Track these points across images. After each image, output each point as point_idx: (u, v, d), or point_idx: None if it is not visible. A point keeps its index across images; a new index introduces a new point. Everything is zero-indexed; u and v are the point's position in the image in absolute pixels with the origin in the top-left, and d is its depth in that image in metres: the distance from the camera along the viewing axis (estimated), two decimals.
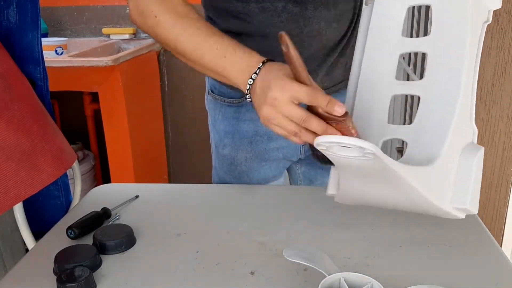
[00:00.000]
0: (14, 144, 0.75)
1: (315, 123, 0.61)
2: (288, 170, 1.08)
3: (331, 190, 0.71)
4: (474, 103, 0.63)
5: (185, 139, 2.50)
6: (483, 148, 0.62)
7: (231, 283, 0.65)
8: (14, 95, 0.80)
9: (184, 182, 2.00)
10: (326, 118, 0.60)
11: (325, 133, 0.60)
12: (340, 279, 0.57)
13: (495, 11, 0.83)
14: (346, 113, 0.60)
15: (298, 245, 0.72)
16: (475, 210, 0.61)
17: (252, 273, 0.66)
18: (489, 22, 0.62)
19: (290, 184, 1.12)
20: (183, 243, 0.75)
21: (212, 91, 0.98)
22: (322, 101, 0.60)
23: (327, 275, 0.57)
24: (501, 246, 0.92)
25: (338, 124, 0.60)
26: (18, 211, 0.89)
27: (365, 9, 0.71)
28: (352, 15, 0.88)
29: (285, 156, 0.99)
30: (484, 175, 1.17)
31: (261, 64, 0.68)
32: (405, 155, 0.65)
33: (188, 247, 0.73)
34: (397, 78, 0.69)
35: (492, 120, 1.12)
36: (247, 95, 0.69)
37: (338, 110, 0.59)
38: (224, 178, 1.02)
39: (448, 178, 0.61)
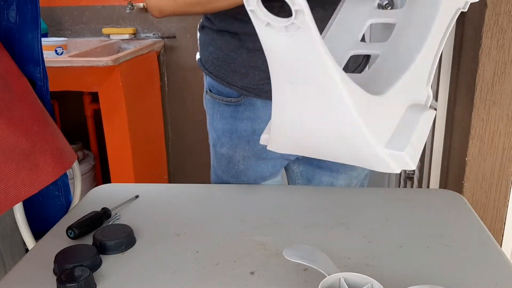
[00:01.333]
0: (14, 144, 0.75)
1: None
2: (286, 169, 1.09)
3: (264, 133, 0.65)
4: (433, 73, 0.62)
5: (185, 139, 2.50)
6: (434, 112, 0.60)
7: (231, 283, 0.65)
8: (14, 95, 0.80)
9: (184, 182, 2.00)
10: None
11: None
12: (340, 279, 0.57)
13: (495, 11, 0.83)
14: None
15: (298, 245, 0.72)
16: (413, 164, 0.56)
17: (252, 273, 0.66)
18: (464, 10, 0.62)
19: (288, 183, 1.12)
20: (183, 243, 0.75)
21: (210, 90, 0.98)
22: None
23: (327, 275, 0.57)
24: (501, 246, 0.92)
25: None
26: (18, 211, 0.89)
27: None
28: None
29: (283, 154, 1.00)
30: (484, 175, 1.17)
31: None
32: (369, 69, 0.62)
33: (188, 247, 0.73)
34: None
35: (492, 120, 1.12)
36: None
37: None
38: (221, 177, 1.02)
39: (388, 121, 0.57)
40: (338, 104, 0.51)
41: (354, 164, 0.62)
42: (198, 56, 1.00)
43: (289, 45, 0.50)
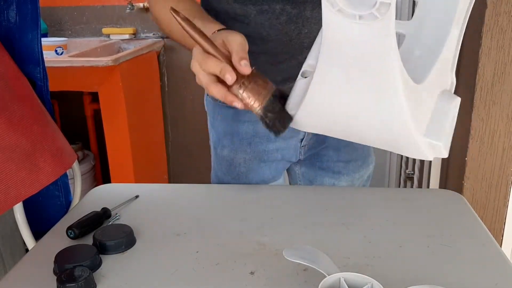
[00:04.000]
0: (14, 144, 0.75)
1: (210, 63, 0.62)
2: (288, 170, 1.08)
3: (292, 108, 0.66)
4: (457, 57, 0.61)
5: (185, 139, 2.50)
6: (459, 99, 0.60)
7: (231, 283, 0.65)
8: (14, 95, 0.80)
9: (184, 182, 2.00)
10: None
11: (222, 72, 0.61)
12: (340, 279, 0.57)
13: (495, 11, 0.83)
14: (253, 70, 0.62)
15: (298, 245, 0.72)
16: (446, 153, 0.58)
17: (252, 273, 0.66)
18: None
19: (290, 184, 1.12)
20: (183, 243, 0.75)
21: None
22: (213, 66, 0.62)
23: (327, 275, 0.57)
24: (501, 246, 0.92)
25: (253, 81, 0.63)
26: (18, 211, 0.89)
27: None
28: None
29: (284, 157, 0.99)
30: (484, 175, 1.17)
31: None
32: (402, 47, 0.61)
33: (188, 247, 0.73)
34: None
35: (492, 120, 1.12)
36: None
37: (242, 69, 0.62)
38: (222, 179, 1.02)
39: (425, 109, 0.57)
40: (391, 91, 0.51)
41: (385, 149, 0.62)
42: None
43: (358, 32, 0.48)
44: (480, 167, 1.17)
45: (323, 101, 0.59)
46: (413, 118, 0.55)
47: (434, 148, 0.57)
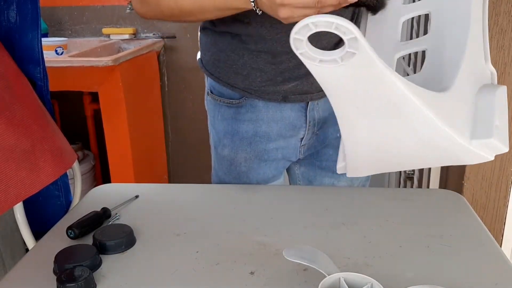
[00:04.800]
0: (14, 144, 0.75)
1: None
2: (287, 170, 1.08)
3: (340, 162, 0.66)
4: (488, 47, 0.60)
5: (185, 139, 2.50)
6: (505, 87, 0.57)
7: (231, 283, 0.65)
8: (14, 95, 0.80)
9: (184, 182, 2.00)
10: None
11: (339, 5, 0.59)
12: (340, 279, 0.57)
13: (495, 11, 0.83)
14: None
15: (298, 245, 0.72)
16: (505, 147, 0.54)
17: (252, 273, 0.66)
18: None
19: (290, 184, 1.12)
20: (183, 243, 0.75)
21: (211, 92, 0.98)
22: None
23: (327, 275, 0.57)
24: (501, 246, 0.92)
25: None
26: (18, 211, 0.89)
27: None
28: (351, 16, 0.88)
29: (284, 156, 0.99)
30: (484, 175, 1.17)
31: None
32: (423, 68, 0.61)
33: (188, 247, 0.73)
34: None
35: None
36: (257, 9, 0.71)
37: None
38: (223, 178, 1.02)
39: (464, 112, 0.55)
40: (411, 111, 0.51)
41: (444, 165, 0.61)
42: (199, 57, 1.00)
43: (346, 72, 0.50)
44: (480, 167, 1.17)
45: (359, 144, 0.59)
46: (451, 126, 0.53)
47: (488, 146, 0.55)
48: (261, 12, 0.71)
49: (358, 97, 0.53)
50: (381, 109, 0.52)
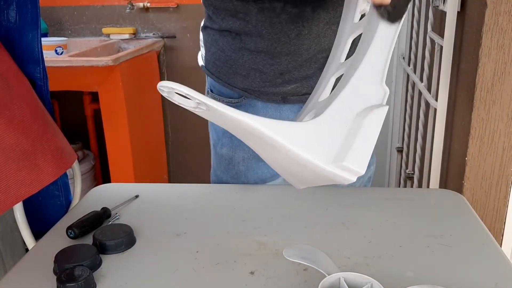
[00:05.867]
0: (14, 144, 0.75)
1: None
2: None
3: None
4: (387, 69, 0.61)
5: (185, 139, 2.50)
6: (385, 107, 0.59)
7: (231, 283, 0.65)
8: (14, 95, 0.80)
9: (184, 182, 2.00)
10: None
11: None
12: (340, 279, 0.57)
13: (495, 11, 0.83)
14: None
15: (298, 245, 0.72)
16: (361, 170, 0.56)
17: (252, 273, 0.66)
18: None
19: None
20: (183, 243, 0.75)
21: (211, 91, 0.98)
22: None
23: (327, 275, 0.57)
24: (501, 246, 0.92)
25: None
26: (18, 211, 0.89)
27: None
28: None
29: None
30: (484, 175, 1.17)
31: None
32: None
33: (188, 247, 0.73)
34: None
35: (492, 120, 1.12)
36: None
37: None
38: (221, 177, 1.02)
39: (335, 136, 0.57)
40: (273, 143, 0.55)
41: (327, 184, 0.63)
42: (199, 56, 1.00)
43: (212, 116, 0.58)
44: (480, 167, 1.17)
45: (272, 165, 0.68)
46: (314, 152, 0.56)
47: (346, 170, 0.57)
48: None
49: (238, 133, 0.60)
50: (256, 141, 0.58)
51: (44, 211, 0.98)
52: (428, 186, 1.47)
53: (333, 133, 0.57)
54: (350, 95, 0.57)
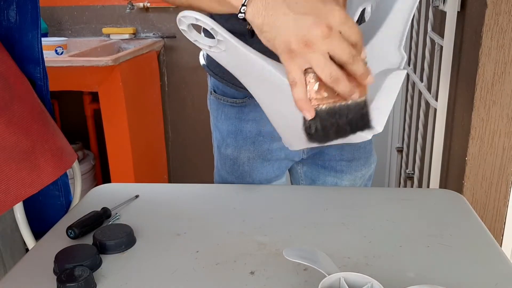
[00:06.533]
0: (14, 144, 0.75)
1: (360, 66, 0.50)
2: (290, 170, 1.08)
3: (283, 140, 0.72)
4: (405, 33, 0.61)
5: (185, 139, 2.50)
6: (404, 71, 0.59)
7: (231, 283, 0.65)
8: (14, 95, 0.80)
9: (184, 182, 2.00)
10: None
11: (351, 92, 0.52)
12: (340, 279, 0.57)
13: (495, 10, 0.83)
14: None
15: (298, 245, 0.72)
16: (378, 127, 0.57)
17: (252, 273, 0.66)
18: None
19: (292, 184, 1.12)
20: (183, 243, 0.75)
21: (214, 91, 0.98)
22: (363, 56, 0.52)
23: (327, 275, 0.57)
24: (501, 246, 0.92)
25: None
26: (18, 211, 0.89)
27: None
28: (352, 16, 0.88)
29: (288, 156, 0.99)
30: (484, 175, 1.17)
31: None
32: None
33: (188, 247, 0.73)
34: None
35: (492, 120, 1.12)
36: (241, 10, 0.55)
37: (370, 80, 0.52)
38: (226, 178, 1.02)
39: None
40: (281, 85, 0.55)
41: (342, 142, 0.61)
42: (201, 56, 0.99)
43: (229, 56, 0.58)
44: (480, 167, 1.17)
45: (273, 116, 0.68)
46: None
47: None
48: (244, 16, 0.57)
49: (249, 75, 0.60)
50: (265, 83, 0.57)
51: (44, 211, 0.98)
52: (428, 186, 1.48)
53: None
54: (370, 54, 0.55)
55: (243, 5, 0.55)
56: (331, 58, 0.50)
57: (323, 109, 0.53)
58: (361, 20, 0.91)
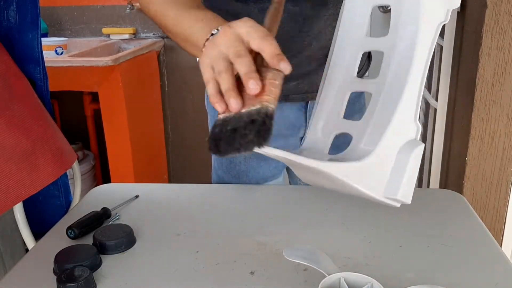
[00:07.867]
0: (14, 144, 0.75)
1: (247, 61, 0.55)
2: (287, 169, 1.08)
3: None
4: (420, 102, 0.64)
5: (185, 139, 2.50)
6: (422, 144, 0.63)
7: (231, 283, 0.65)
8: (14, 95, 0.80)
9: (184, 182, 2.00)
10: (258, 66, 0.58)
11: (248, 75, 0.55)
12: (340, 279, 0.57)
13: (495, 11, 0.83)
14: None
15: (298, 245, 0.72)
16: (407, 200, 0.63)
17: (252, 273, 0.66)
18: (446, 22, 0.63)
19: (290, 183, 1.12)
20: (183, 243, 0.75)
21: None
22: (274, 47, 0.56)
23: (327, 275, 0.57)
24: (501, 246, 0.92)
25: (268, 74, 0.59)
26: (18, 211, 0.89)
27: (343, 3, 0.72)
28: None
29: None
30: (484, 175, 1.17)
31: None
32: (347, 149, 0.67)
33: (188, 247, 0.73)
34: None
35: (492, 120, 1.12)
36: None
37: (286, 66, 0.56)
38: (223, 177, 1.02)
39: (383, 172, 0.63)
40: (333, 179, 0.61)
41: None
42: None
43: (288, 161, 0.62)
44: (480, 167, 1.17)
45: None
46: (368, 186, 0.63)
47: (395, 201, 0.64)
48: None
49: (308, 175, 0.66)
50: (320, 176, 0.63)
51: (44, 211, 0.98)
52: (428, 186, 1.48)
53: (382, 166, 0.63)
54: (393, 135, 0.62)
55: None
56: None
57: (221, 117, 0.60)
58: (368, 57, 0.91)
